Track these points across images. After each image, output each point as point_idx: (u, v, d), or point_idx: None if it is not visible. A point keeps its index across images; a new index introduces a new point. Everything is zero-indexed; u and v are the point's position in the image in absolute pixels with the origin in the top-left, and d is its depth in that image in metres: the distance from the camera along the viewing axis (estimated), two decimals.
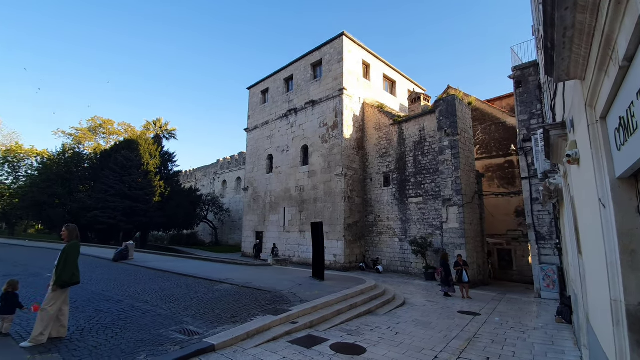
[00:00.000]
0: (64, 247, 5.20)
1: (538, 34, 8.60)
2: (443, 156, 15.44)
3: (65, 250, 5.15)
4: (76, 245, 5.35)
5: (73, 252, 5.23)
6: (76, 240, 5.42)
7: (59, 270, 5.02)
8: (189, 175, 49.14)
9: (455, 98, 15.60)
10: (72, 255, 5.20)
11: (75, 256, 5.25)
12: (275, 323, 6.22)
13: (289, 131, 22.79)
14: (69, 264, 5.11)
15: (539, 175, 8.02)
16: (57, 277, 5.00)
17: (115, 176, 29.22)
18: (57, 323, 5.05)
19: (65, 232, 5.38)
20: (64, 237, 5.37)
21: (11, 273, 11.29)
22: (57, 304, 4.97)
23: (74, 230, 5.47)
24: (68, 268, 5.09)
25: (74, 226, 5.54)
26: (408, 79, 25.78)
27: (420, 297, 10.89)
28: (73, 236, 5.40)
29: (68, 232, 5.38)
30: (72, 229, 5.46)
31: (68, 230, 5.41)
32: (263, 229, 23.58)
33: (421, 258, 15.97)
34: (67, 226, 5.46)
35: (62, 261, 5.06)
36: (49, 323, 4.86)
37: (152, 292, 8.75)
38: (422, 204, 16.77)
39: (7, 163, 38.70)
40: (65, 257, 5.10)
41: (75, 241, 5.39)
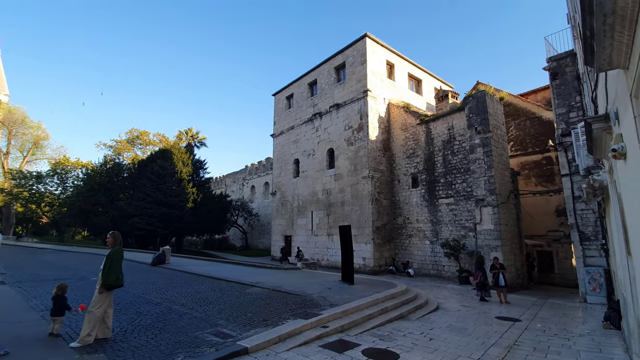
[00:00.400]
0: (109, 252, 5.55)
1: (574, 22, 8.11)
2: (474, 155, 14.88)
3: (110, 255, 5.48)
4: (120, 250, 5.68)
5: (117, 257, 5.55)
6: (120, 246, 5.76)
7: (105, 273, 5.36)
8: (219, 181, 50.76)
9: (485, 94, 15.01)
10: (116, 260, 5.52)
11: (119, 261, 5.57)
12: (306, 327, 6.25)
13: (314, 135, 22.95)
14: (113, 268, 5.43)
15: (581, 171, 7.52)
16: (103, 280, 5.34)
17: (151, 184, 30.78)
18: (103, 324, 5.38)
19: (110, 239, 5.74)
20: (109, 243, 5.73)
21: (62, 277, 12.17)
22: (103, 307, 5.30)
23: (118, 237, 5.82)
24: (113, 272, 5.41)
25: (118, 233, 5.90)
26: (434, 76, 25.16)
27: (455, 302, 10.51)
28: (117, 242, 5.74)
29: (113, 239, 5.74)
30: (116, 235, 5.81)
31: (113, 237, 5.77)
32: (291, 232, 23.82)
33: (454, 261, 15.43)
34: (111, 233, 5.82)
35: (107, 265, 5.40)
36: (95, 324, 5.19)
37: (188, 295, 9.09)
38: (453, 205, 16.23)
39: (56, 175, 41.84)
40: (110, 262, 5.43)
41: (119, 247, 5.73)
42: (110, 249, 5.64)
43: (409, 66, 23.02)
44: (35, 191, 40.14)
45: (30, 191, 39.74)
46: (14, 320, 6.24)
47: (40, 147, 48.88)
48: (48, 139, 49.39)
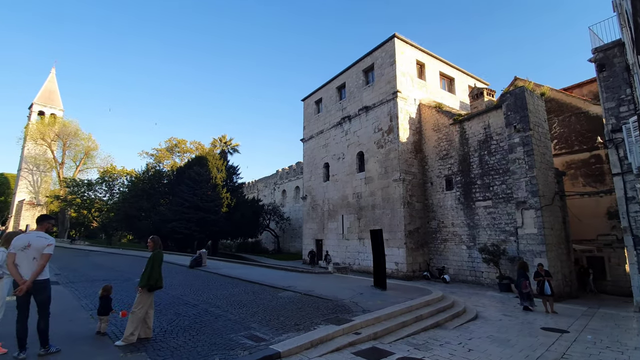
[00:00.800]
0: (150, 255, 5.86)
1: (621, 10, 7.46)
2: (514, 154, 14.07)
3: (151, 258, 5.78)
4: (160, 254, 5.96)
5: (157, 260, 5.83)
6: (159, 249, 6.05)
7: (146, 276, 5.66)
8: (252, 186, 52.08)
9: (524, 89, 14.17)
10: (156, 263, 5.80)
11: (159, 264, 5.85)
12: (338, 333, 6.18)
13: (344, 139, 22.89)
14: (154, 270, 5.72)
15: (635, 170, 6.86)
16: (145, 282, 5.64)
17: (189, 190, 32.24)
18: (144, 325, 5.66)
19: (150, 243, 6.05)
20: (150, 247, 6.04)
21: (109, 278, 13.03)
22: (144, 307, 5.58)
23: (158, 241, 6.11)
24: (154, 274, 5.70)
25: (157, 237, 6.20)
26: (468, 74, 24.20)
27: (495, 311, 9.94)
28: (157, 246, 6.02)
29: (153, 243, 6.04)
30: (156, 239, 6.10)
31: (153, 241, 6.07)
32: (322, 236, 23.84)
33: (493, 267, 14.63)
34: (152, 237, 6.12)
35: (148, 268, 5.70)
36: (137, 324, 5.47)
37: (223, 298, 9.36)
38: (491, 208, 15.42)
39: (105, 182, 45.15)
40: (152, 264, 5.71)
41: (159, 250, 6.01)
42: (151, 253, 5.94)
43: (441, 65, 22.33)
44: (86, 198, 43.53)
45: (82, 198, 43.17)
46: (66, 318, 6.75)
47: (91, 157, 53.07)
48: (97, 149, 53.58)
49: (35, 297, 4.70)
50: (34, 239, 4.74)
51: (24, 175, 56.48)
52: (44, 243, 4.76)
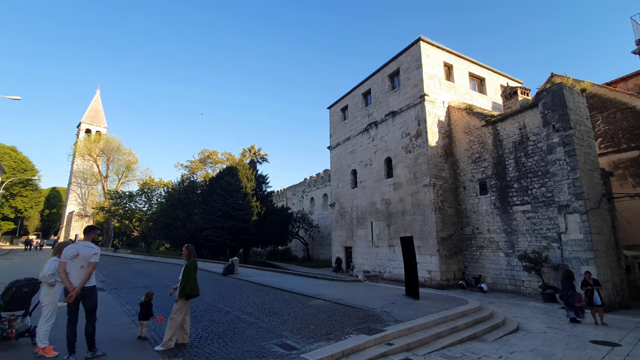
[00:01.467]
0: (185, 264, 6.09)
1: None
2: (553, 155, 13.25)
3: (187, 267, 5.99)
4: (194, 262, 6.17)
5: (192, 269, 6.03)
6: (194, 258, 6.26)
7: (182, 284, 5.88)
8: (280, 194, 52.86)
9: (562, 86, 13.37)
10: (192, 272, 6.00)
11: (194, 272, 6.05)
12: (369, 343, 6.07)
13: (371, 145, 22.71)
14: (190, 279, 5.92)
15: None
16: (181, 290, 5.86)
17: (220, 199, 33.32)
18: (182, 330, 5.88)
19: (185, 251, 6.26)
20: (184, 256, 6.25)
21: (149, 284, 13.70)
22: (181, 314, 5.80)
23: (192, 250, 6.31)
24: (189, 282, 5.90)
25: (192, 246, 6.40)
26: (499, 73, 23.26)
27: (539, 322, 9.32)
28: (191, 255, 6.22)
29: (187, 252, 6.25)
30: (190, 248, 6.31)
31: (187, 249, 6.27)
32: (352, 243, 23.63)
33: (535, 275, 13.74)
34: (186, 246, 6.33)
35: (184, 277, 5.92)
36: (175, 330, 5.70)
37: (255, 305, 9.52)
38: (530, 213, 14.56)
39: (144, 194, 47.83)
40: (187, 273, 5.92)
41: (193, 259, 6.22)
42: (185, 261, 6.17)
43: (469, 65, 21.66)
44: (128, 208, 46.29)
45: (124, 208, 45.95)
46: (110, 323, 7.16)
47: (132, 170, 56.62)
48: (137, 162, 57.12)
49: (84, 303, 5.05)
50: (82, 249, 5.12)
51: (73, 189, 61.23)
52: (90, 252, 5.12)
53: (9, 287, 5.57)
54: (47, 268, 5.28)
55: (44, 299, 5.22)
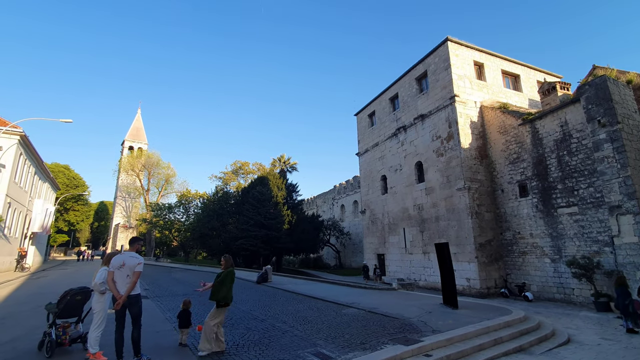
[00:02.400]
0: (221, 272, 6.26)
1: None
2: (600, 152, 12.29)
3: (223, 276, 6.16)
4: (232, 272, 6.36)
5: (228, 278, 6.21)
6: (232, 267, 6.45)
7: (215, 292, 6.06)
8: (310, 202, 53.20)
9: (606, 78, 12.44)
10: (227, 280, 6.17)
11: (229, 281, 6.22)
12: (407, 354, 5.89)
13: (400, 149, 22.33)
14: (223, 286, 6.08)
15: None
16: (212, 294, 6.04)
17: (253, 209, 34.15)
18: (217, 339, 6.00)
19: (223, 262, 6.50)
20: (223, 266, 6.47)
21: (187, 292, 14.25)
22: (215, 320, 5.93)
23: (230, 260, 6.54)
24: (222, 289, 6.04)
25: (230, 256, 6.64)
26: (535, 68, 22.08)
27: (592, 334, 8.56)
28: (229, 265, 6.43)
29: (225, 262, 6.48)
30: (228, 258, 6.55)
31: (225, 260, 6.52)
32: (384, 251, 23.19)
33: (586, 283, 12.67)
34: (224, 257, 6.59)
35: (217, 282, 6.11)
36: (211, 337, 5.85)
37: (289, 313, 9.59)
38: (578, 215, 13.53)
39: (182, 205, 50.18)
40: (222, 280, 6.11)
41: (231, 269, 6.42)
42: (222, 271, 6.35)
43: (502, 62, 20.78)
44: (167, 220, 48.73)
45: (164, 220, 48.41)
46: (154, 330, 7.53)
47: (170, 183, 59.73)
48: (175, 176, 60.20)
49: (130, 310, 5.37)
50: (128, 259, 5.47)
51: (119, 202, 65.66)
52: (135, 262, 5.46)
53: (64, 295, 6.02)
54: (98, 277, 5.68)
55: (95, 306, 5.61)
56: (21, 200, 25.75)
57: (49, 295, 11.55)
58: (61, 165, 59.87)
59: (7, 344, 6.46)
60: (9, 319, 8.81)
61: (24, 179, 25.97)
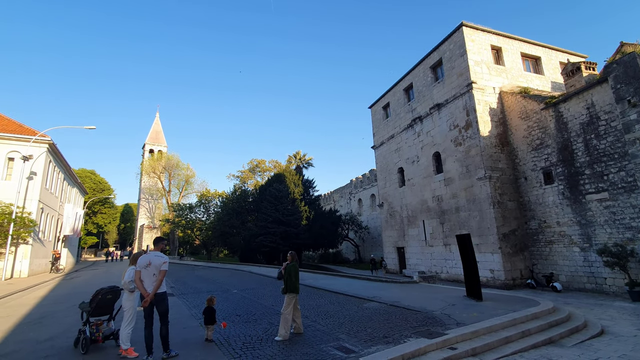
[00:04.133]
0: (287, 266, 7.01)
1: None
2: (632, 134, 11.63)
3: (287, 269, 6.95)
4: (295, 265, 7.09)
5: (293, 270, 6.93)
6: (295, 262, 7.18)
7: (285, 283, 6.84)
8: (327, 197, 53.22)
9: (636, 55, 11.71)
10: (292, 273, 6.88)
11: (295, 274, 6.90)
12: (430, 347, 5.83)
13: (416, 141, 21.94)
14: (290, 278, 6.84)
15: None
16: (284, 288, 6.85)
17: (271, 206, 34.53)
18: (294, 323, 6.83)
19: (289, 257, 7.29)
20: (289, 260, 7.21)
21: (212, 289, 14.62)
22: (289, 308, 6.62)
23: (294, 256, 7.32)
24: (291, 281, 6.82)
25: (294, 252, 7.44)
26: (558, 49, 21.08)
27: (627, 325, 8.19)
28: (294, 259, 7.22)
29: (291, 257, 7.24)
30: (293, 254, 7.35)
31: (291, 256, 7.27)
32: (404, 244, 22.96)
33: (620, 272, 12.11)
34: (290, 253, 7.36)
35: (285, 277, 6.91)
36: (287, 323, 6.53)
37: (311, 308, 9.66)
38: (608, 201, 12.90)
39: (202, 205, 51.34)
40: (288, 274, 6.88)
41: (295, 263, 7.15)
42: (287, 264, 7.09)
43: (521, 44, 19.94)
44: (189, 219, 50.03)
45: (186, 219, 49.72)
46: (181, 326, 7.76)
47: (190, 183, 61.18)
48: (194, 176, 61.61)
49: (157, 308, 5.55)
50: (153, 258, 5.64)
51: (142, 204, 67.88)
52: (160, 261, 5.63)
53: (95, 294, 6.31)
54: (127, 276, 5.90)
55: (125, 304, 5.84)
56: (52, 205, 27.06)
57: (82, 295, 12.14)
58: (87, 170, 62.42)
59: (47, 341, 6.83)
60: (47, 317, 9.30)
61: (54, 185, 27.25)
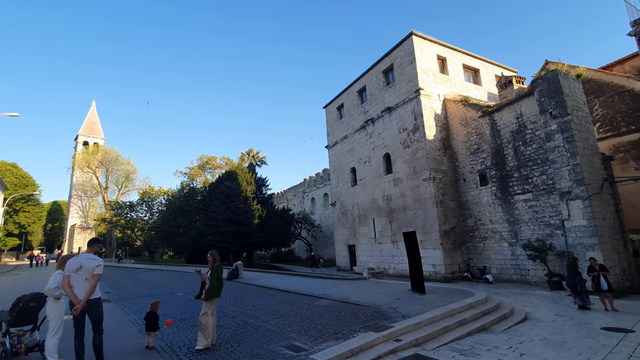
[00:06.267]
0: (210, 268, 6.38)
1: None
2: (552, 142, 13.24)
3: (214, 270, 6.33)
4: (219, 266, 6.49)
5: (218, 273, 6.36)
6: (219, 262, 6.57)
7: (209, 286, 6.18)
8: (281, 196, 52.82)
9: (557, 73, 13.36)
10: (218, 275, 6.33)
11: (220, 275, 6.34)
12: (378, 340, 6.05)
13: (368, 142, 22.69)
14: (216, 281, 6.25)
15: None
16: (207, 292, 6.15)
17: (221, 204, 33.28)
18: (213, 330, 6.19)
19: (210, 258, 6.56)
20: (210, 262, 6.54)
21: (154, 293, 13.67)
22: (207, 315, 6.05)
23: (216, 256, 6.64)
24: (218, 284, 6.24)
25: (216, 252, 6.73)
26: (493, 63, 23.24)
27: (547, 311, 9.29)
28: (216, 260, 6.56)
29: (212, 257, 6.56)
30: (214, 254, 6.63)
31: (212, 256, 6.59)
32: (354, 242, 23.62)
33: (540, 264, 13.72)
34: (210, 253, 6.65)
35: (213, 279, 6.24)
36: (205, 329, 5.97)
37: (261, 308, 9.49)
38: (532, 201, 14.55)
39: (144, 203, 47.77)
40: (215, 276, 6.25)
41: (219, 263, 6.54)
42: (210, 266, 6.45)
43: (463, 57, 21.64)
44: (129, 218, 46.24)
45: (125, 219, 45.89)
46: (117, 334, 7.13)
47: (131, 180, 56.55)
48: (136, 172, 57.03)
49: (90, 315, 5.02)
50: (85, 261, 5.09)
51: (74, 202, 61.15)
52: (94, 264, 5.10)
53: (16, 302, 5.58)
54: (51, 282, 5.25)
55: (50, 313, 5.20)
56: None
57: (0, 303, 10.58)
58: (8, 163, 54.66)
59: None
60: None
61: None
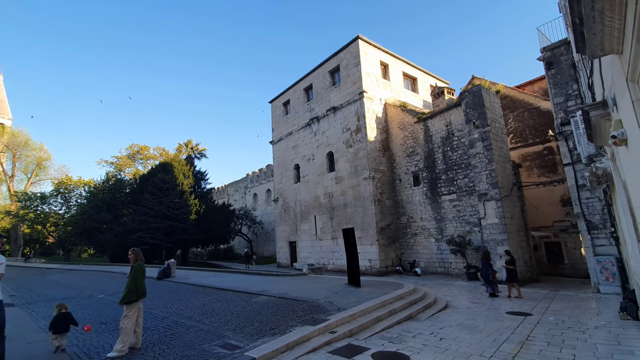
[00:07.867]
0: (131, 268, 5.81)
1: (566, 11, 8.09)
2: (474, 149, 14.81)
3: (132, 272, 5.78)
4: (140, 265, 5.92)
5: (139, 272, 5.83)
6: (141, 261, 6.00)
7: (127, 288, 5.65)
8: (221, 191, 50.76)
9: (481, 88, 14.97)
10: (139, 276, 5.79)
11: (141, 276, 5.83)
12: (314, 333, 6.17)
13: (313, 139, 22.95)
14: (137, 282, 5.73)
15: (583, 160, 7.44)
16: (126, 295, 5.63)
17: (154, 198, 30.81)
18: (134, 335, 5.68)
19: (131, 255, 5.99)
20: (131, 260, 5.96)
21: (69, 296, 12.14)
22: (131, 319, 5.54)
23: (139, 253, 6.08)
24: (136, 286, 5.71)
25: (139, 250, 6.15)
26: (429, 74, 25.17)
27: (464, 299, 10.39)
28: (138, 258, 6.00)
29: (134, 255, 6.00)
30: (137, 252, 6.09)
31: (134, 253, 6.04)
32: (296, 238, 23.74)
33: (461, 257, 15.30)
34: (132, 250, 6.08)
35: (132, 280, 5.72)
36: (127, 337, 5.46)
37: (194, 308, 9.03)
38: (456, 201, 16.12)
39: (60, 194, 42.04)
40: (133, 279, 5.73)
41: (141, 262, 5.97)
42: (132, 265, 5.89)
43: (403, 65, 23.04)
44: (40, 212, 40.30)
45: (35, 212, 39.90)
46: (24, 341, 6.24)
47: (44, 168, 49.23)
48: (50, 159, 49.73)
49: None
50: None
51: None
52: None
53: None
54: None
55: None
56: None
57: None
58: None
59: None
60: None
61: None
